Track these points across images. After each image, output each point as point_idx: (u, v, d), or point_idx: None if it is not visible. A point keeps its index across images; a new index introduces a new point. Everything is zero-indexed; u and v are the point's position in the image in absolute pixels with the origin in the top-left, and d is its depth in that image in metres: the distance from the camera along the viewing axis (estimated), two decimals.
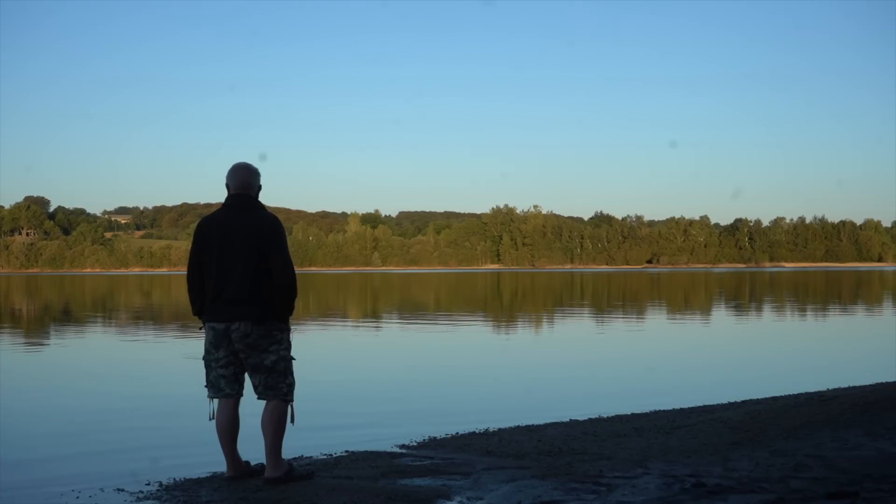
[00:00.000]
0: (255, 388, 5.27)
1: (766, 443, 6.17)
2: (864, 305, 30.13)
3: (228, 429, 5.28)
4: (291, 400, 5.27)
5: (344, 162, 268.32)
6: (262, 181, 5.46)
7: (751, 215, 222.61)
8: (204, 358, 5.33)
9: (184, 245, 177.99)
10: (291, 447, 6.15)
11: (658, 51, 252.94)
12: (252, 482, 5.25)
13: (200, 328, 5.37)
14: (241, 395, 5.35)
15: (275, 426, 5.19)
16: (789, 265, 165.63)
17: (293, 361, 5.32)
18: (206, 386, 5.34)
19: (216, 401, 5.31)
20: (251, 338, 5.16)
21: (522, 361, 13.65)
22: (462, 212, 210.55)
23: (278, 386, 5.21)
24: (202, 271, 5.32)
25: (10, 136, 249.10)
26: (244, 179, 5.34)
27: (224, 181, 5.37)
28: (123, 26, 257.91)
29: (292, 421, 5.30)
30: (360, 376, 11.64)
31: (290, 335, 5.35)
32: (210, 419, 5.32)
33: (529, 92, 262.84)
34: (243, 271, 5.17)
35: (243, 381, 5.35)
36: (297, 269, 5.46)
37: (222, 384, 5.28)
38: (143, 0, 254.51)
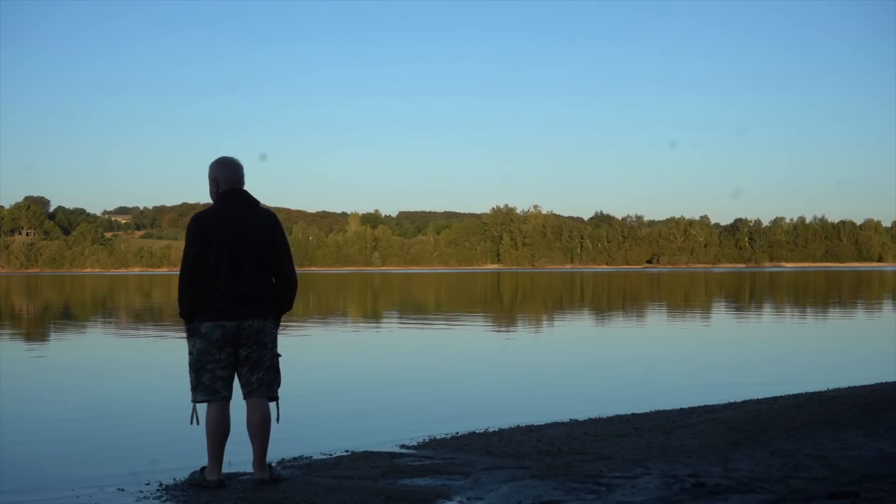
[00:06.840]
0: (248, 385, 5.13)
1: (766, 443, 6.17)
2: (864, 305, 30.12)
3: (226, 431, 5.16)
4: (278, 398, 5.27)
5: (344, 162, 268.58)
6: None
7: (751, 215, 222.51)
8: (195, 361, 5.10)
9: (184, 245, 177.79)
10: (292, 447, 6.15)
11: (658, 51, 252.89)
12: (250, 482, 5.21)
13: (187, 329, 5.17)
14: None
15: (268, 431, 5.17)
16: (789, 265, 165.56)
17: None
18: (194, 389, 5.11)
19: (203, 405, 5.13)
20: (262, 335, 5.14)
21: (522, 361, 13.64)
22: (462, 212, 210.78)
23: (272, 384, 5.20)
24: (202, 270, 5.10)
25: (10, 136, 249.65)
26: (237, 173, 5.29)
27: (207, 175, 5.24)
28: (123, 26, 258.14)
29: (277, 420, 5.28)
30: (360, 376, 11.63)
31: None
32: (192, 424, 5.18)
33: (529, 92, 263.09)
34: (256, 268, 5.15)
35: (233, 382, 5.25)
36: (297, 270, 5.47)
37: (219, 386, 5.09)
38: (143, 0, 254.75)
